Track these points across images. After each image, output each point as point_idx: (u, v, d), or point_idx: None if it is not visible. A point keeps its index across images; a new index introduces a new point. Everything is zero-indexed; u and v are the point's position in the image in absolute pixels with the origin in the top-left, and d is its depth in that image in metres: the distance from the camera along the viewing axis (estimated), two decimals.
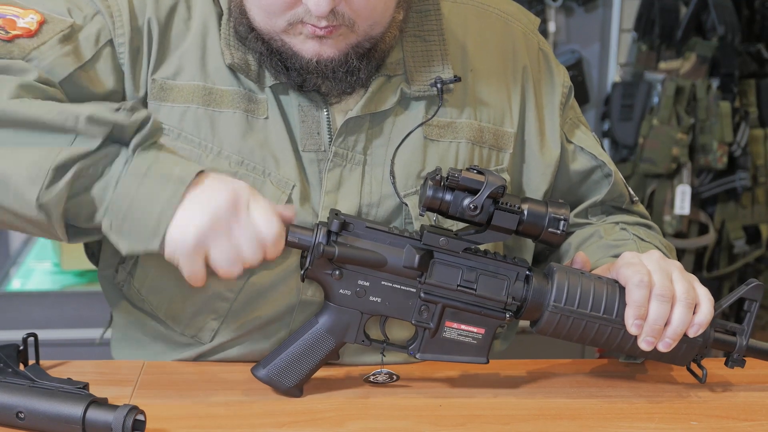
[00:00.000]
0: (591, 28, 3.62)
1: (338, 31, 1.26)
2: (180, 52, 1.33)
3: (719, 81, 3.49)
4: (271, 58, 1.30)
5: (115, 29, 1.30)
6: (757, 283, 1.32)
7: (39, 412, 1.11)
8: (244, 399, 1.27)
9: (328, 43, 1.27)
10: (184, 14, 1.34)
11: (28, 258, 3.10)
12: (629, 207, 1.52)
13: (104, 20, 1.30)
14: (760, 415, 1.28)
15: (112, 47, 1.30)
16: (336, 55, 1.28)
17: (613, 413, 1.28)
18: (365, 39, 1.29)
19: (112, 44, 1.30)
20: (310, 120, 1.34)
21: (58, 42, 1.26)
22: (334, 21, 1.24)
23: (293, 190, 1.32)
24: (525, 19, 1.49)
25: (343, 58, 1.29)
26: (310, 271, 1.25)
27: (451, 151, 1.38)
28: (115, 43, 1.30)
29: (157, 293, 1.40)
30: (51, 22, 1.27)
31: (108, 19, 1.30)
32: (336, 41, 1.27)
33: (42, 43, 1.25)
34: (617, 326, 1.26)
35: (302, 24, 1.25)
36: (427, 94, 1.37)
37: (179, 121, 1.31)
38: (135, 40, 1.31)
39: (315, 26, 1.25)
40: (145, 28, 1.32)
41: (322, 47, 1.27)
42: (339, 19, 1.24)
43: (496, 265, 1.27)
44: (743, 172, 3.53)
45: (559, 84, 1.48)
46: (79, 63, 1.27)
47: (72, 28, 1.28)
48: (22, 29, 1.26)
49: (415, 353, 1.29)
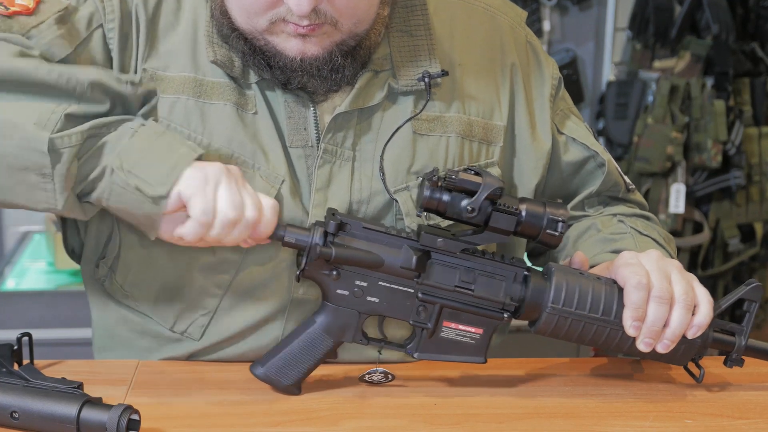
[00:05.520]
0: (585, 26, 3.62)
1: (321, 29, 1.25)
2: (170, 43, 1.33)
3: (714, 80, 3.50)
4: (254, 57, 1.30)
5: (106, 14, 1.31)
6: (757, 284, 1.32)
7: (33, 412, 1.11)
8: (239, 398, 1.27)
9: (311, 41, 1.26)
10: (173, 5, 1.34)
11: (22, 257, 3.09)
12: (626, 196, 1.52)
13: (95, 4, 1.31)
14: (754, 414, 1.29)
15: (102, 32, 1.31)
16: (320, 54, 1.28)
17: (608, 412, 1.28)
18: (350, 37, 1.29)
19: (102, 28, 1.31)
20: (296, 116, 1.34)
21: (54, 22, 1.27)
22: (317, 19, 1.23)
23: (282, 184, 1.32)
24: (512, 13, 1.49)
25: (328, 56, 1.28)
26: (306, 272, 1.24)
27: (440, 146, 1.38)
28: (105, 27, 1.31)
29: (141, 288, 1.39)
30: (47, 1, 1.28)
31: (99, 3, 1.31)
32: (320, 39, 1.27)
33: (41, 22, 1.26)
34: (615, 327, 1.26)
35: (284, 23, 1.25)
36: (414, 89, 1.37)
37: (169, 113, 1.31)
38: (125, 26, 1.32)
39: (297, 25, 1.24)
40: (133, 15, 1.32)
41: (305, 45, 1.27)
42: (321, 18, 1.24)
43: (494, 265, 1.27)
44: (737, 170, 3.54)
45: (548, 76, 1.47)
46: (73, 46, 1.28)
47: (67, 10, 1.29)
48: (21, 6, 1.27)
49: (413, 353, 1.29)
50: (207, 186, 1.18)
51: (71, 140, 1.18)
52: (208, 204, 1.18)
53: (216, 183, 1.19)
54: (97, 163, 1.20)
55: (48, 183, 1.18)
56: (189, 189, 1.18)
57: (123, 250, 1.38)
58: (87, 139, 1.19)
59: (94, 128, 1.19)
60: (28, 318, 2.77)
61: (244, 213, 1.19)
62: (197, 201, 1.18)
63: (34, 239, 3.18)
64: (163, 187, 1.18)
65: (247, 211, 1.20)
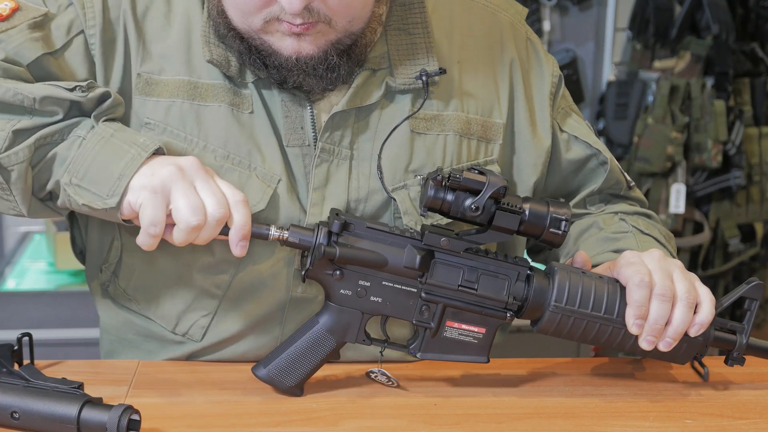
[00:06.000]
0: (586, 27, 3.62)
1: (316, 28, 1.25)
2: (163, 46, 1.33)
3: (714, 80, 3.50)
4: (250, 56, 1.30)
5: (87, 20, 1.31)
6: (758, 282, 1.32)
7: (34, 412, 1.11)
8: (239, 398, 1.27)
9: (306, 40, 1.26)
10: (162, 8, 1.34)
11: (22, 258, 3.09)
12: (627, 193, 1.52)
13: (76, 11, 1.31)
14: (754, 414, 1.29)
15: (84, 38, 1.31)
16: (315, 53, 1.28)
17: (608, 412, 1.28)
18: (345, 35, 1.29)
19: (84, 35, 1.31)
20: (293, 115, 1.34)
21: (27, 27, 1.28)
22: (310, 18, 1.23)
23: (279, 184, 1.32)
24: (512, 10, 1.49)
25: (323, 56, 1.28)
26: (310, 272, 1.24)
27: (438, 144, 1.38)
28: (86, 33, 1.31)
29: (143, 291, 1.39)
30: (25, 10, 1.30)
31: (80, 10, 1.31)
32: (315, 38, 1.27)
33: (12, 27, 1.28)
34: (618, 326, 1.26)
35: (278, 21, 1.25)
36: (412, 87, 1.37)
37: (165, 116, 1.32)
38: (108, 32, 1.32)
39: (291, 24, 1.24)
40: (120, 21, 1.32)
41: (300, 44, 1.27)
42: (315, 16, 1.23)
43: (497, 265, 1.27)
44: (738, 170, 3.54)
45: (548, 74, 1.47)
46: (48, 49, 1.29)
47: (45, 17, 1.30)
48: None
49: (416, 352, 1.29)
50: (156, 195, 1.16)
51: (18, 157, 1.21)
52: (157, 214, 1.16)
53: (167, 189, 1.17)
54: (50, 176, 1.23)
55: (8, 195, 1.24)
56: (138, 199, 1.17)
57: (125, 255, 1.39)
58: (37, 150, 1.22)
59: (41, 139, 1.22)
60: (29, 318, 2.77)
61: (206, 214, 1.18)
62: (145, 213, 1.17)
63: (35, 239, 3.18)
64: (112, 199, 1.18)
65: (210, 211, 1.17)
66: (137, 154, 1.19)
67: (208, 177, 1.20)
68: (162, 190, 1.17)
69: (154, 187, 1.16)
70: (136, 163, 1.18)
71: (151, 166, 1.19)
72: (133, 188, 1.17)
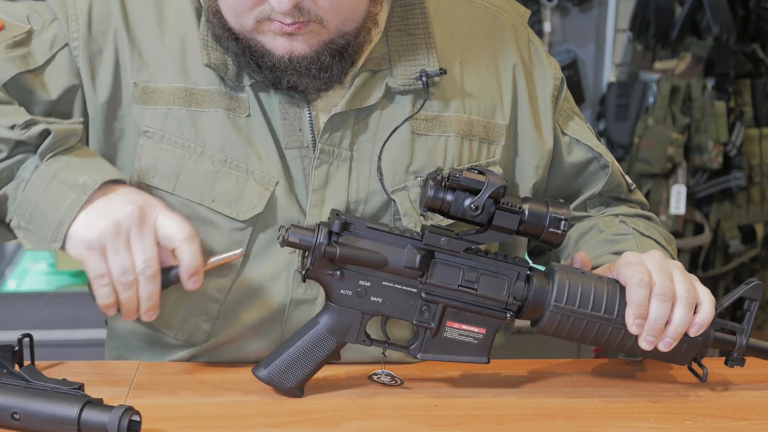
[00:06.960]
0: (586, 28, 3.62)
1: (308, 27, 1.25)
2: (157, 54, 1.33)
3: (714, 81, 3.50)
4: (245, 57, 1.30)
5: (71, 33, 1.32)
6: (757, 282, 1.32)
7: (34, 413, 1.11)
8: (239, 399, 1.27)
9: (299, 40, 1.26)
10: (154, 15, 1.34)
11: (23, 259, 3.09)
12: (627, 196, 1.52)
13: (60, 25, 1.32)
14: (755, 415, 1.29)
15: (69, 51, 1.32)
16: (308, 53, 1.27)
17: (609, 413, 1.28)
18: (338, 35, 1.28)
19: (68, 47, 1.32)
20: (291, 117, 1.34)
21: (5, 47, 1.29)
22: (301, 17, 1.23)
23: (276, 186, 1.32)
24: (514, 12, 1.49)
25: (315, 56, 1.28)
26: (311, 272, 1.25)
27: (439, 145, 1.38)
28: (71, 46, 1.32)
29: None
30: (8, 28, 1.31)
31: (64, 24, 1.32)
32: (307, 38, 1.26)
33: None
34: (618, 326, 1.26)
35: (270, 21, 1.25)
36: (413, 88, 1.37)
37: (162, 124, 1.32)
38: (94, 44, 1.33)
39: (282, 23, 1.24)
40: (110, 32, 1.33)
41: (293, 44, 1.26)
42: (306, 16, 1.23)
43: (497, 265, 1.27)
44: (738, 171, 3.54)
45: (550, 76, 1.47)
46: (27, 67, 1.30)
47: (28, 34, 1.31)
48: None
49: (416, 353, 1.29)
50: (92, 252, 1.17)
51: None
52: (99, 269, 1.18)
53: (102, 245, 1.17)
54: (4, 215, 1.24)
55: None
56: (77, 254, 1.19)
57: None
58: None
59: None
60: (29, 319, 2.77)
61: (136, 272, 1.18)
62: (88, 269, 1.19)
63: None
64: (55, 243, 1.19)
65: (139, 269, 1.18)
66: (77, 199, 1.19)
67: (143, 230, 1.19)
68: (98, 246, 1.17)
69: (90, 243, 1.17)
70: (74, 210, 1.18)
71: (88, 214, 1.18)
72: (71, 239, 1.18)
